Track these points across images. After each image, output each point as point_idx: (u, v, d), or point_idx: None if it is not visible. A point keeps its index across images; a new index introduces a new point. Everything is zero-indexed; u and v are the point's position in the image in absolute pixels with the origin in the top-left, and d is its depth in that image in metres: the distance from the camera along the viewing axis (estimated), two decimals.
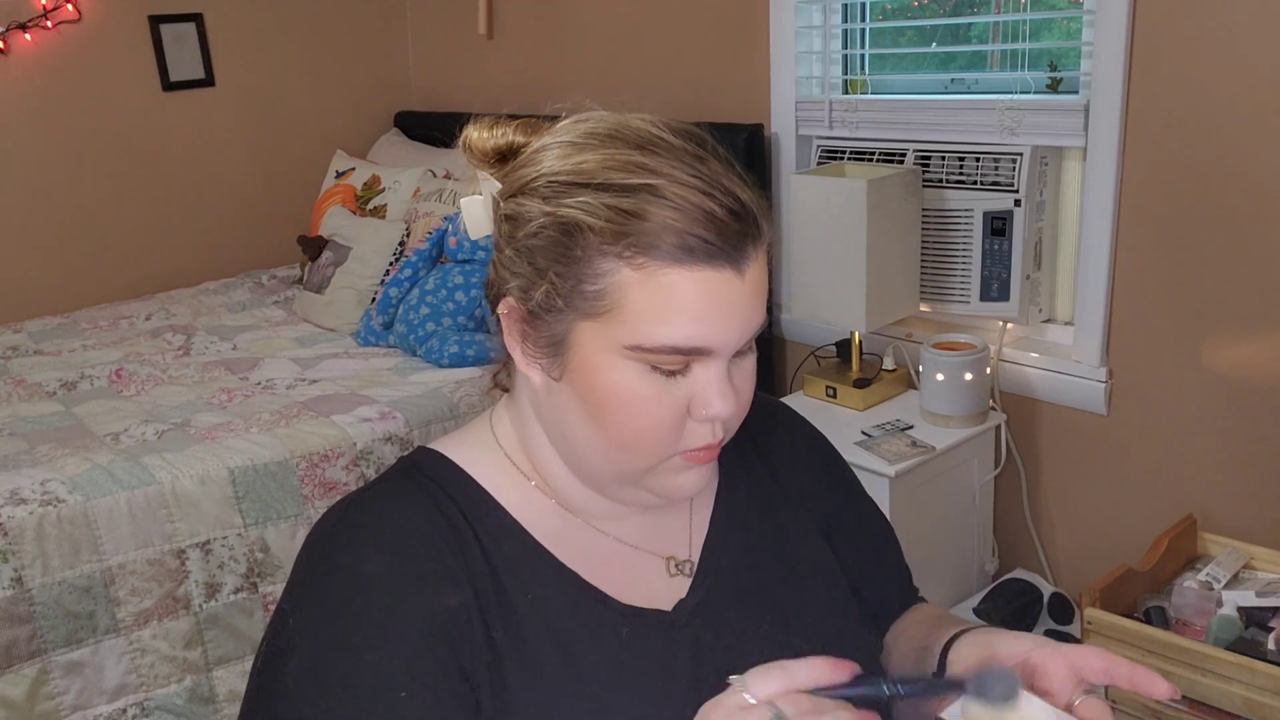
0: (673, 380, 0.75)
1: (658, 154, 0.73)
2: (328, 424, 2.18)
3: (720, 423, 0.78)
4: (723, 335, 0.74)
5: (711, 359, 0.75)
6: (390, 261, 2.86)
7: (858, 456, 2.01)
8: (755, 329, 0.76)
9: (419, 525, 0.79)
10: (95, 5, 3.08)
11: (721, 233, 0.71)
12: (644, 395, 0.74)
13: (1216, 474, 2.00)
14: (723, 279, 0.72)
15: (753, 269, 0.74)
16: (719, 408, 0.75)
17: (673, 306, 0.71)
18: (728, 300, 0.73)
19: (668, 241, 0.70)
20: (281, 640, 0.77)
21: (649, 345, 0.72)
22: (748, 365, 0.80)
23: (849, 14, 2.45)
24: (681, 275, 0.71)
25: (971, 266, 2.23)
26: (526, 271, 0.76)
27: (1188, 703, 1.69)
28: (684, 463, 0.79)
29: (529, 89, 3.22)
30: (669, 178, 0.72)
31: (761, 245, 0.75)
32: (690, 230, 0.70)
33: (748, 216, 0.73)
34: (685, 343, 0.73)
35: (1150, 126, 1.94)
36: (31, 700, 1.82)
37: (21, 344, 2.80)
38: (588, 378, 0.75)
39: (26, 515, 1.83)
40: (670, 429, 0.76)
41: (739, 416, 0.81)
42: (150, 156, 3.25)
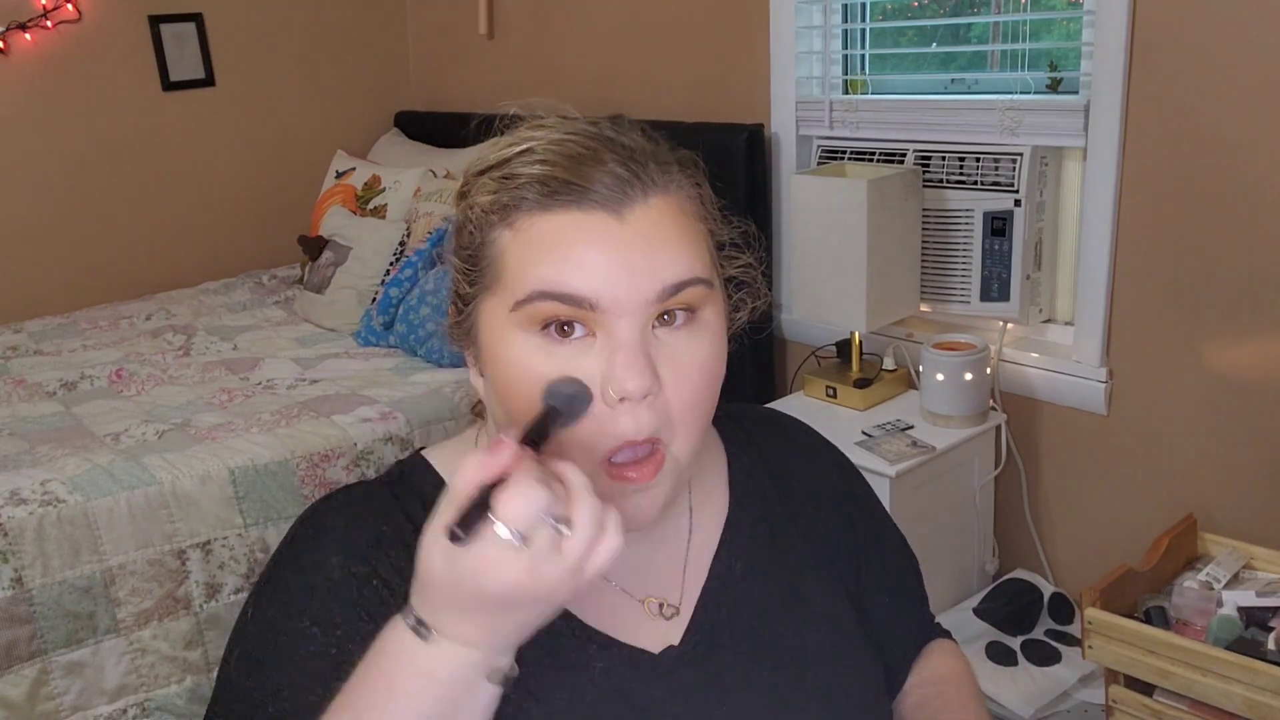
0: (571, 350, 0.68)
1: (546, 125, 0.72)
2: (328, 424, 2.18)
3: (641, 411, 0.68)
4: (604, 283, 0.66)
5: (611, 321, 0.67)
6: (390, 261, 2.85)
7: (858, 456, 2.01)
8: (657, 284, 0.68)
9: (384, 534, 0.77)
10: (95, 5, 3.08)
11: (586, 172, 0.68)
12: (540, 370, 0.68)
13: (1216, 474, 2.00)
14: (594, 221, 0.67)
15: (639, 213, 0.68)
16: (626, 381, 0.66)
17: (539, 251, 0.68)
18: (603, 244, 0.67)
19: (533, 191, 0.68)
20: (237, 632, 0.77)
21: (523, 295, 0.68)
22: (684, 350, 0.70)
23: (849, 14, 2.45)
24: (546, 219, 0.68)
25: (971, 266, 2.23)
26: (452, 272, 0.76)
27: (1188, 703, 1.69)
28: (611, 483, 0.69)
29: (529, 89, 3.19)
30: (544, 139, 0.71)
31: (656, 193, 0.70)
32: (551, 174, 0.68)
33: (624, 158, 0.69)
34: (553, 286, 0.67)
35: (1150, 126, 1.95)
36: (31, 701, 1.82)
37: (21, 344, 2.80)
38: (493, 359, 0.71)
39: (26, 515, 1.83)
40: None
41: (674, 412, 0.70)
42: (150, 156, 3.25)
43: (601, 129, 0.72)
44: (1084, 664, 1.97)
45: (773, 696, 0.81)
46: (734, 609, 0.83)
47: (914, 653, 0.98)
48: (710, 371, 0.72)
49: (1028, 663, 2.04)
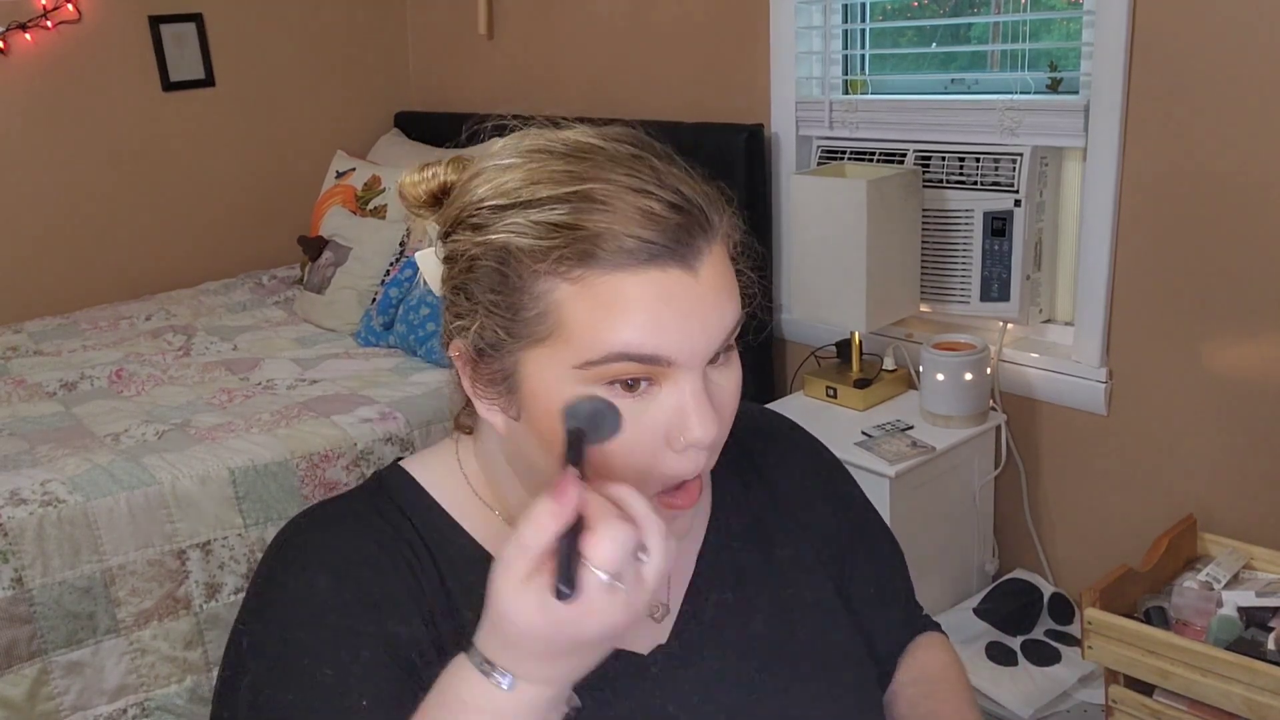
0: (638, 402, 0.67)
1: (586, 159, 0.68)
2: (328, 424, 2.18)
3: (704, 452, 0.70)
4: (683, 341, 0.66)
5: (678, 373, 0.67)
6: (390, 262, 2.85)
7: (858, 457, 2.01)
8: (724, 333, 0.68)
9: (370, 553, 0.76)
10: (95, 5, 3.08)
11: (663, 230, 0.65)
12: None
13: (1216, 474, 2.00)
14: (671, 279, 0.65)
15: (708, 265, 0.67)
16: (698, 431, 0.67)
17: (616, 312, 0.65)
18: (681, 301, 0.66)
19: (605, 247, 0.64)
20: (234, 662, 0.75)
21: (597, 357, 0.65)
22: (727, 380, 0.71)
23: (849, 14, 2.45)
24: (623, 279, 0.65)
25: (971, 267, 2.23)
26: (466, 308, 0.71)
27: (1187, 703, 1.69)
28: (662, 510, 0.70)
29: (529, 89, 3.22)
30: (599, 180, 0.66)
31: (715, 239, 0.68)
32: (627, 231, 0.64)
33: (692, 209, 0.67)
34: (636, 348, 0.65)
35: (1150, 126, 1.95)
36: (31, 700, 1.82)
37: (21, 344, 2.80)
38: (545, 411, 0.68)
39: (26, 515, 1.83)
40: (642, 461, 0.68)
41: (721, 440, 0.72)
42: (150, 156, 3.25)
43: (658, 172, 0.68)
44: (1084, 664, 1.97)
45: (763, 692, 0.82)
46: (721, 606, 0.84)
47: (901, 645, 0.98)
48: (738, 397, 0.74)
49: (1027, 663, 2.04)
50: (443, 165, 0.77)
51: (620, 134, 0.72)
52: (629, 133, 0.72)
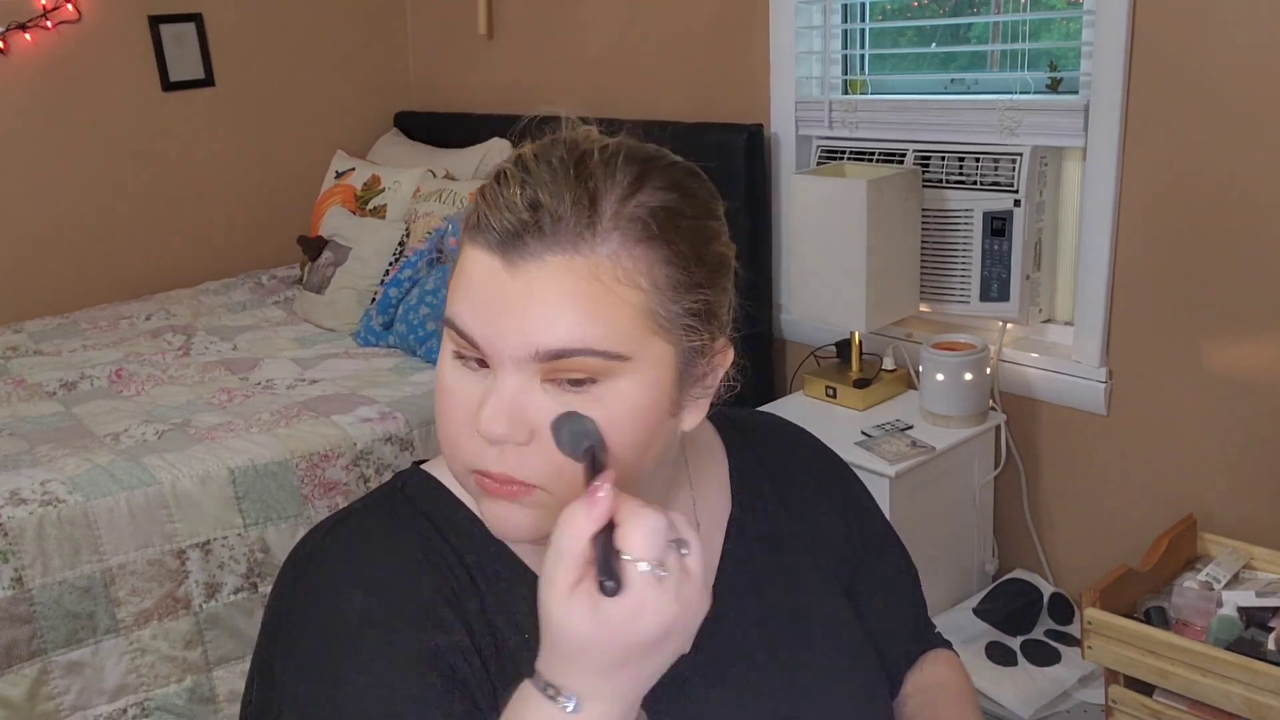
0: (473, 376, 0.70)
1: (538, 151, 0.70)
2: (328, 424, 2.18)
3: (506, 451, 0.68)
4: (487, 331, 0.67)
5: (495, 364, 0.68)
6: (390, 261, 2.86)
7: (858, 457, 2.01)
8: (536, 344, 0.66)
9: (400, 564, 0.75)
10: (95, 5, 3.08)
11: (504, 219, 0.67)
12: (447, 384, 0.71)
13: (1216, 474, 2.00)
14: (491, 267, 0.67)
15: (533, 270, 0.66)
16: (483, 420, 0.67)
17: (457, 276, 0.70)
18: (494, 293, 0.67)
19: (471, 220, 0.70)
20: (270, 689, 0.73)
21: (445, 315, 0.71)
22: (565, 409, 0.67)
23: (849, 14, 2.45)
24: (468, 249, 0.70)
25: (971, 266, 2.23)
26: None
27: (1187, 703, 1.69)
28: (477, 486, 0.72)
29: (529, 89, 3.22)
30: (512, 161, 0.70)
31: (561, 252, 0.66)
32: (485, 211, 0.68)
33: (546, 211, 0.66)
34: (459, 323, 0.69)
35: (1150, 126, 1.95)
36: (31, 700, 1.82)
37: (21, 344, 2.80)
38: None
39: (26, 515, 1.83)
40: (459, 431, 0.70)
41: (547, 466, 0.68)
42: (150, 156, 3.25)
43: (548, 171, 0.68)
44: (1084, 664, 1.97)
45: (780, 697, 0.82)
46: (740, 612, 0.84)
47: (910, 656, 0.98)
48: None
49: (1027, 663, 2.04)
50: None
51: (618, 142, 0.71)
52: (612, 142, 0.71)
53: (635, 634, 0.57)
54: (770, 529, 0.89)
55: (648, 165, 0.70)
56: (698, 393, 0.74)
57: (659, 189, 0.69)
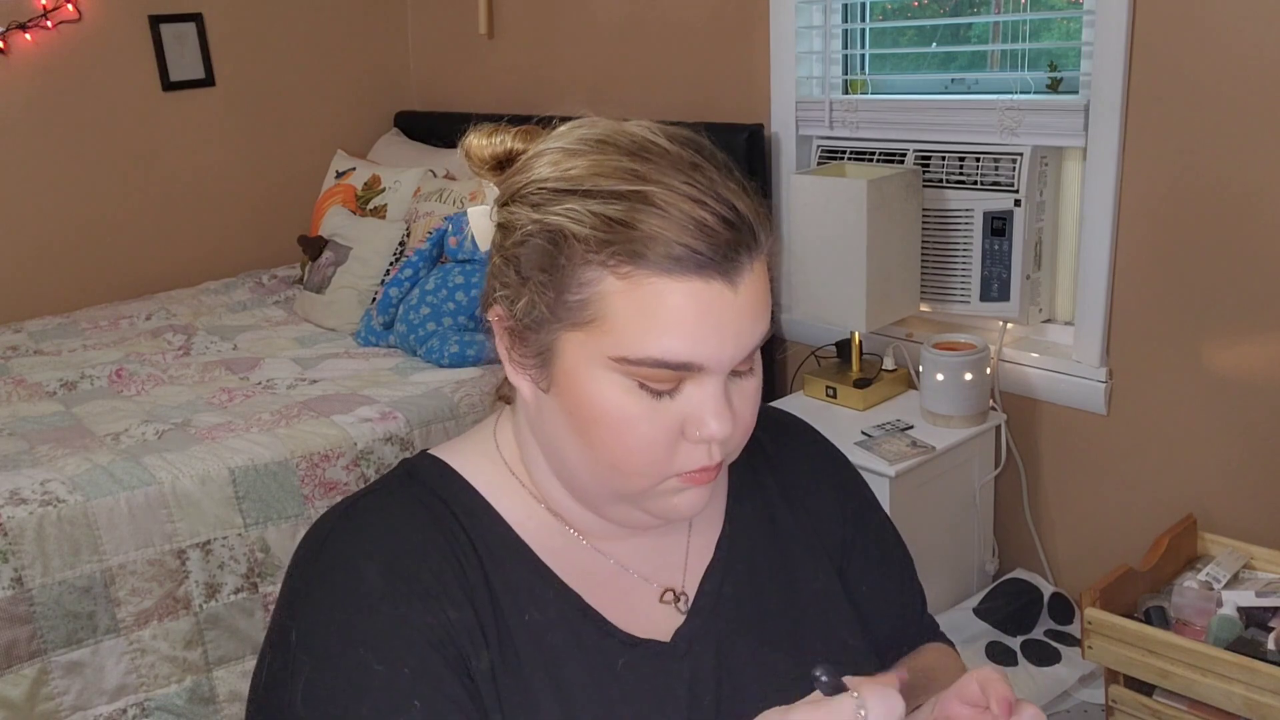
0: (663, 399, 0.71)
1: (649, 160, 0.70)
2: (328, 424, 2.18)
3: (717, 445, 0.74)
4: (714, 351, 0.70)
5: (705, 376, 0.71)
6: (390, 261, 2.86)
7: (858, 456, 2.01)
8: (752, 345, 0.73)
9: (416, 540, 0.77)
10: (95, 5, 3.08)
11: (712, 242, 0.68)
12: (632, 414, 0.71)
13: (1216, 474, 2.00)
14: (713, 291, 0.69)
15: (748, 281, 0.70)
16: (714, 429, 0.72)
17: (659, 318, 0.68)
18: (719, 314, 0.69)
19: (655, 250, 0.67)
20: (283, 658, 0.74)
21: (634, 358, 0.69)
22: (749, 386, 0.76)
23: (849, 14, 2.45)
24: (669, 285, 0.68)
25: (971, 266, 2.23)
26: (513, 280, 0.74)
27: (1188, 703, 1.69)
28: (679, 484, 0.75)
29: (529, 89, 3.22)
30: (659, 184, 0.69)
31: (758, 256, 0.71)
32: (678, 239, 0.67)
33: (742, 226, 0.69)
34: (673, 357, 0.69)
35: (1150, 126, 1.95)
36: (31, 700, 1.82)
37: (21, 344, 2.80)
38: (574, 391, 0.72)
39: (26, 515, 1.83)
40: (662, 450, 0.72)
41: (740, 439, 0.77)
42: (150, 156, 3.25)
43: (716, 183, 0.70)
44: (1084, 664, 1.97)
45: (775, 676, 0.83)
46: (737, 592, 0.86)
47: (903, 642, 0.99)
48: (759, 401, 0.78)
49: (1028, 663, 2.04)
50: (510, 134, 0.80)
51: (683, 138, 0.73)
52: (692, 138, 0.73)
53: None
54: (765, 511, 0.91)
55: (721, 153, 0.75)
56: None
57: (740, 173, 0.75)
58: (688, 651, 0.81)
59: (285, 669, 0.74)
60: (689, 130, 0.75)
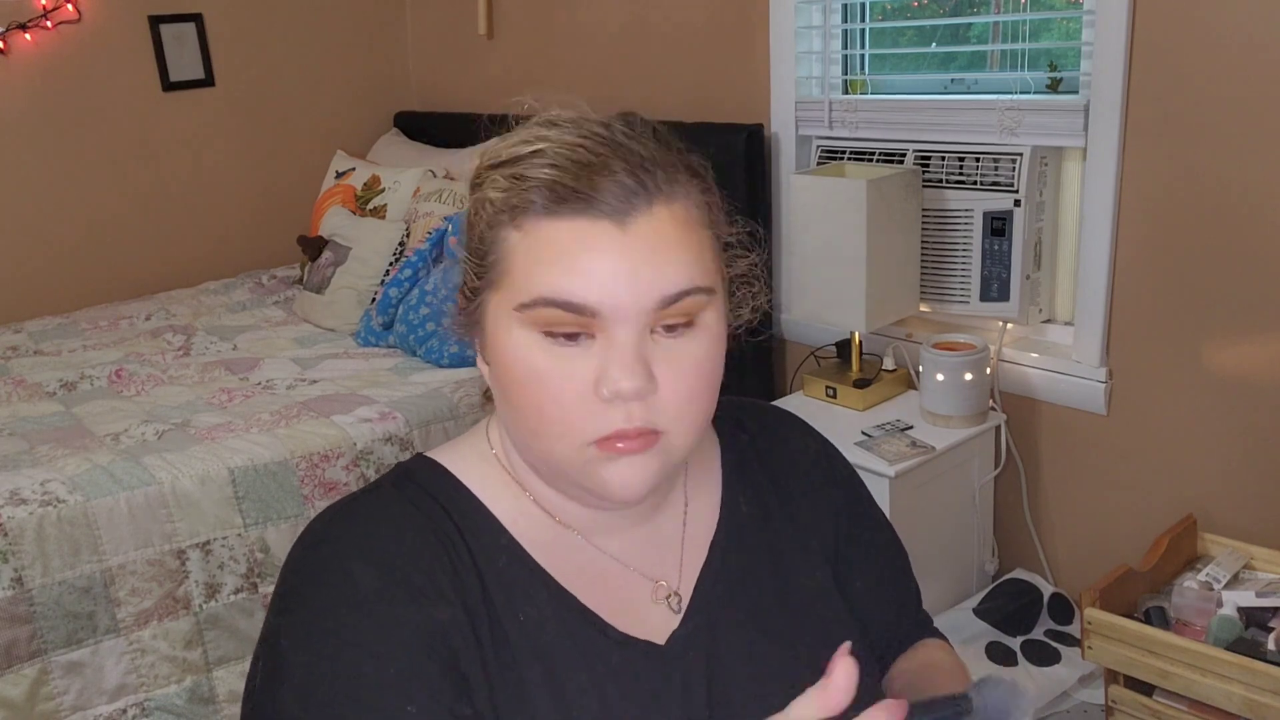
0: (573, 352, 0.70)
1: (560, 125, 0.73)
2: (328, 424, 2.18)
3: (633, 406, 0.70)
4: (606, 293, 0.68)
5: (609, 325, 0.69)
6: (390, 261, 2.86)
7: (858, 456, 2.01)
8: (660, 292, 0.69)
9: (409, 541, 0.76)
10: (95, 5, 3.08)
11: (594, 180, 0.69)
12: (540, 367, 0.71)
13: (1216, 474, 2.00)
14: (598, 229, 0.69)
15: (642, 223, 0.69)
16: (620, 381, 0.69)
17: (544, 257, 0.70)
18: (605, 252, 0.68)
19: (541, 194, 0.70)
20: (274, 660, 0.73)
21: (528, 300, 0.70)
22: (683, 351, 0.72)
23: (849, 14, 2.45)
24: (553, 225, 0.70)
25: (971, 266, 2.23)
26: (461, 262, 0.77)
27: (1187, 703, 1.69)
28: (599, 454, 0.72)
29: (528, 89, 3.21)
30: (556, 141, 0.71)
31: (660, 201, 0.70)
32: (560, 180, 0.69)
33: (633, 164, 0.70)
34: (559, 295, 0.69)
35: (1150, 126, 1.95)
36: (31, 700, 1.82)
37: (21, 344, 2.80)
38: (496, 353, 0.74)
39: (26, 515, 1.83)
40: (573, 409, 0.71)
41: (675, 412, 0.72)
42: (150, 156, 3.25)
43: (614, 133, 0.72)
44: (1084, 664, 1.97)
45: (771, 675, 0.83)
46: (731, 591, 0.85)
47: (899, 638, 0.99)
48: (706, 372, 0.74)
49: (1028, 663, 2.04)
50: None
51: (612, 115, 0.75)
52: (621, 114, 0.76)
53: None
54: (760, 509, 0.90)
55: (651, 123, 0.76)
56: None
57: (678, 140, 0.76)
58: (682, 654, 0.81)
59: (277, 670, 0.73)
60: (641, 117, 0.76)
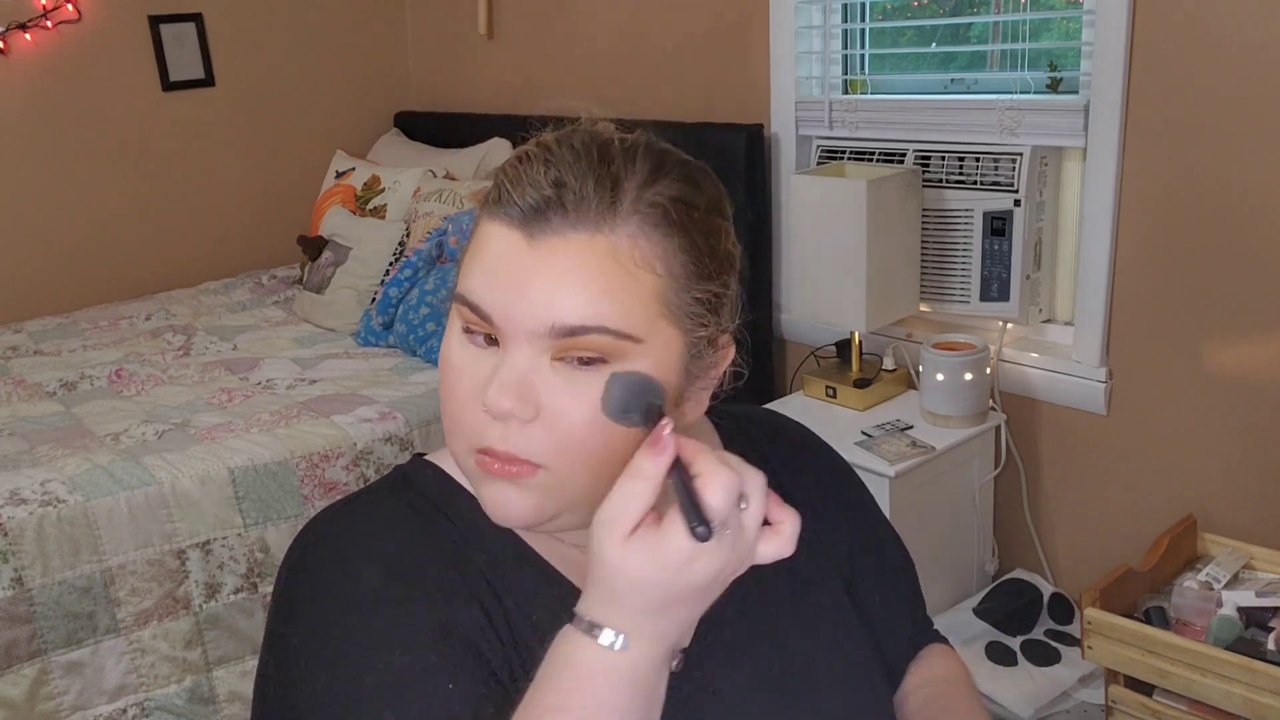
0: (480, 353, 0.70)
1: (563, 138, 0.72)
2: (328, 424, 2.18)
3: (510, 428, 0.68)
4: (503, 305, 0.67)
5: (507, 339, 0.68)
6: (390, 261, 2.86)
7: (858, 456, 2.01)
8: (550, 318, 0.66)
9: (415, 543, 0.75)
10: (95, 5, 3.08)
11: (520, 192, 0.68)
12: (454, 360, 0.72)
13: (1216, 474, 2.00)
14: (511, 239, 0.68)
15: (554, 244, 0.67)
16: (492, 398, 0.67)
17: (470, 252, 0.71)
18: (512, 264, 0.68)
19: (491, 196, 0.71)
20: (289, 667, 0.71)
21: (452, 289, 0.72)
22: (578, 384, 0.68)
23: (849, 14, 2.45)
24: (487, 226, 0.70)
25: (971, 266, 2.23)
26: None
27: (1187, 703, 1.69)
28: (478, 468, 0.71)
29: (528, 89, 3.22)
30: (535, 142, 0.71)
31: (584, 229, 0.67)
32: (502, 184, 0.70)
33: (570, 189, 0.67)
34: (469, 295, 0.69)
35: (1150, 126, 1.95)
36: (31, 700, 1.82)
37: (21, 344, 2.80)
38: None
39: (26, 515, 1.83)
40: (464, 409, 0.71)
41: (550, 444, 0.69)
42: (150, 156, 3.25)
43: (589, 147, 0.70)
44: (1084, 664, 1.97)
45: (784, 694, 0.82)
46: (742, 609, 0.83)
47: (910, 651, 0.98)
48: (596, 419, 0.68)
49: (1028, 663, 2.04)
50: None
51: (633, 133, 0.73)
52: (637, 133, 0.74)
53: (689, 578, 0.60)
54: None
55: (665, 157, 0.73)
56: (700, 385, 0.75)
57: (676, 180, 0.71)
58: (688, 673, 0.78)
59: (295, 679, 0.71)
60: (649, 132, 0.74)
